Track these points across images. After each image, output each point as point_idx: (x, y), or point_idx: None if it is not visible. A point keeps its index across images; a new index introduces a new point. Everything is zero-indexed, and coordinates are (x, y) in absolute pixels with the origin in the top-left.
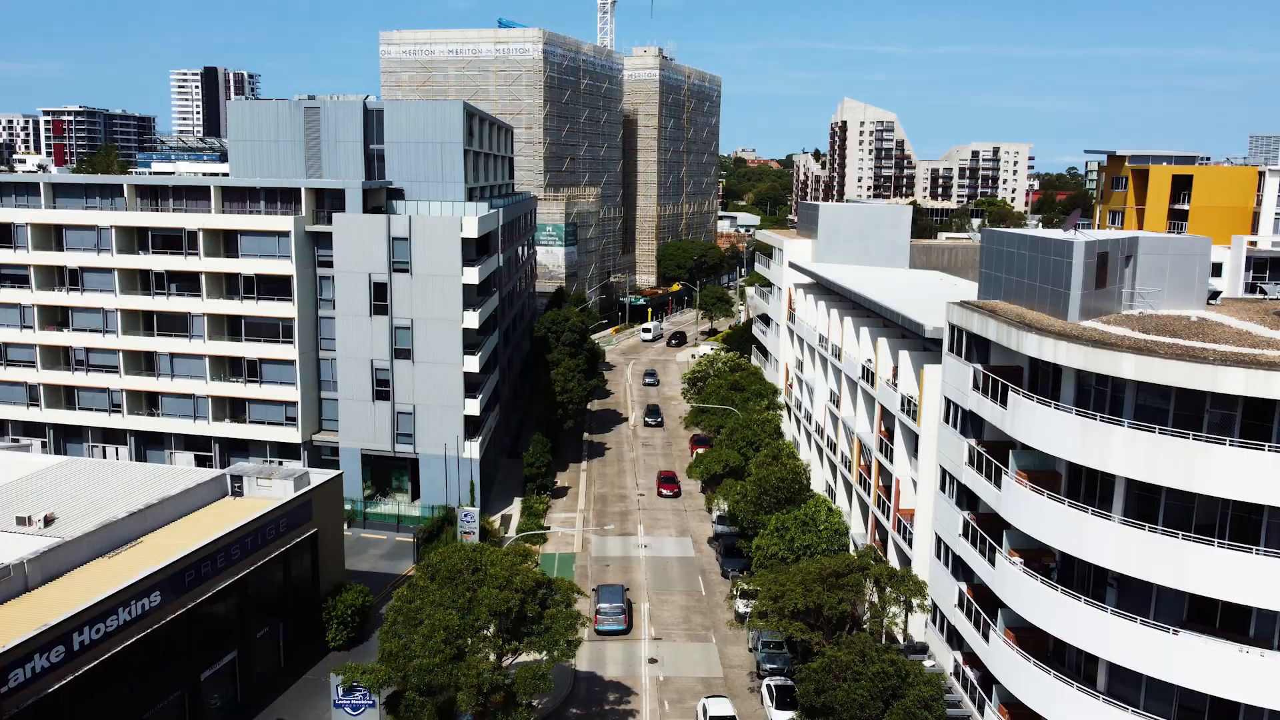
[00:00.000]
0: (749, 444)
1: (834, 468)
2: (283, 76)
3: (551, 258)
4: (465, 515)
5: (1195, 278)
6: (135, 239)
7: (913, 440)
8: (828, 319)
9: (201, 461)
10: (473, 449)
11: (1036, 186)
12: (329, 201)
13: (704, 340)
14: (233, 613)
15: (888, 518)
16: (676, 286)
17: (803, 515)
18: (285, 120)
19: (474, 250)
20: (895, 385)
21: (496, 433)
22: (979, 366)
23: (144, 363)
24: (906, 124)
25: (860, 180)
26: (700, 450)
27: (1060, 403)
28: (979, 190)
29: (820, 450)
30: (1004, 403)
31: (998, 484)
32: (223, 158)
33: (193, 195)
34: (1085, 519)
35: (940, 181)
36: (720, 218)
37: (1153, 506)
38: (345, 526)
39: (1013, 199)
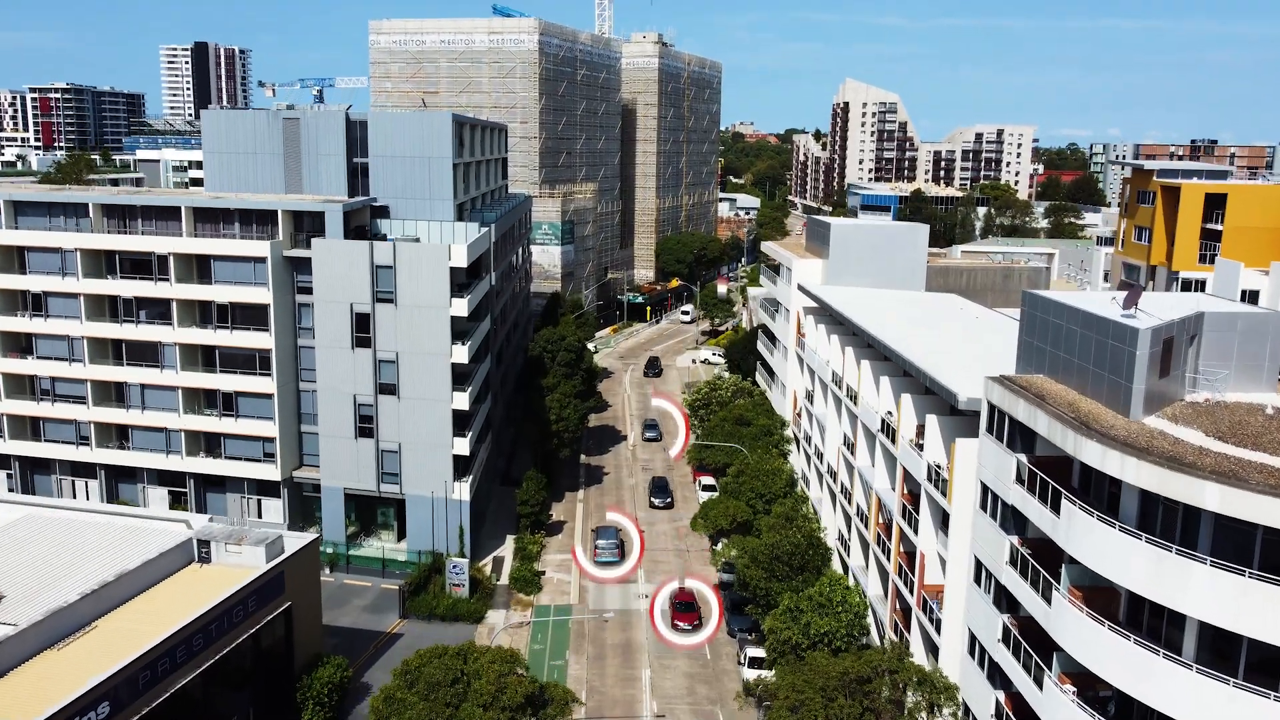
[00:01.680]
0: (759, 495)
1: (848, 519)
2: (275, 52)
3: (548, 257)
4: (454, 567)
5: (1265, 357)
6: (102, 262)
7: (940, 514)
8: (841, 356)
9: (176, 498)
10: (462, 490)
11: (1040, 169)
12: (308, 223)
13: (704, 344)
14: (196, 704)
15: (911, 592)
16: (675, 282)
17: (818, 595)
18: (263, 131)
19: (464, 275)
20: (920, 449)
21: (489, 459)
22: (1023, 458)
23: (113, 393)
24: (906, 99)
25: (861, 163)
26: (703, 478)
27: (1123, 523)
28: (982, 173)
29: (833, 495)
30: (1055, 508)
31: (1046, 598)
32: None
33: (163, 215)
34: (1154, 661)
35: (943, 164)
36: (719, 199)
37: (1232, 647)
38: (327, 571)
39: (1016, 182)
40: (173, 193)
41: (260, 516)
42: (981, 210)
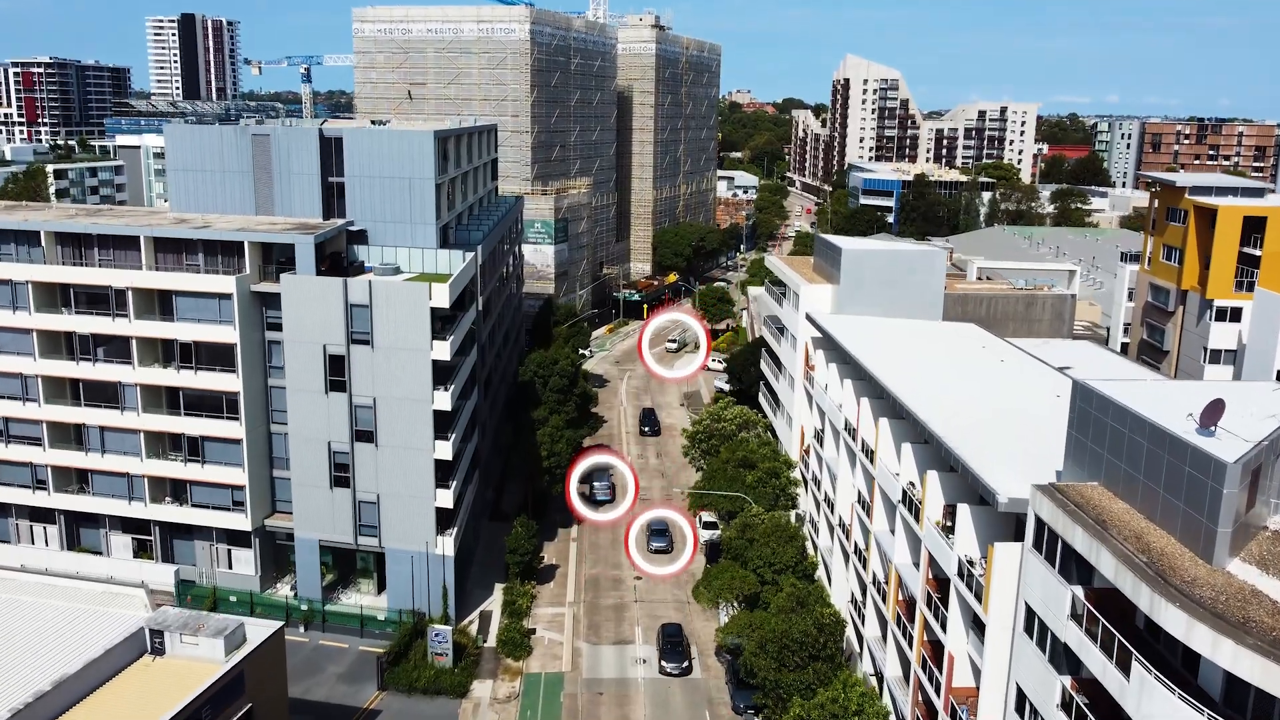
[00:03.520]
0: (767, 563)
1: (863, 585)
2: (264, 22)
3: (540, 257)
4: (436, 635)
5: None
6: (57, 295)
7: (971, 614)
8: (856, 407)
9: (141, 545)
10: (446, 545)
11: (1045, 148)
12: (278, 254)
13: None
14: None
15: (937, 692)
16: (673, 277)
17: (831, 704)
18: (231, 148)
19: (448, 306)
20: (949, 533)
21: (476, 494)
22: (1079, 592)
23: (72, 435)
24: (904, 65)
25: (862, 141)
26: (704, 514)
27: (1204, 687)
28: (985, 151)
29: (845, 554)
30: (1123, 666)
31: None
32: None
33: (121, 245)
34: None
35: (945, 143)
36: (717, 178)
37: None
38: (301, 629)
39: (1019, 161)
40: (134, 216)
41: (230, 567)
42: (986, 196)
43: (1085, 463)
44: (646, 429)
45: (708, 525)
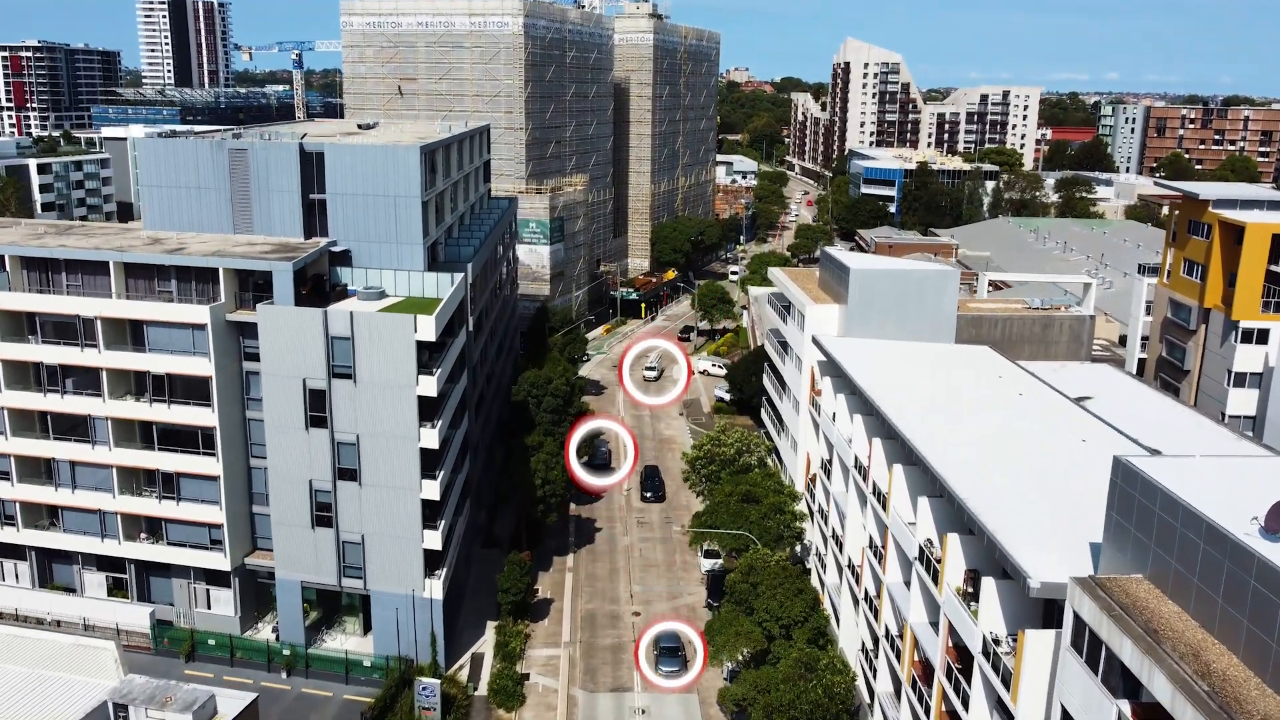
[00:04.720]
0: (775, 618)
1: (875, 637)
2: (256, 3)
3: (535, 257)
4: (423, 689)
5: None
6: (23, 323)
7: (995, 697)
8: (868, 446)
9: (116, 584)
10: (434, 588)
11: (1048, 134)
12: (256, 280)
13: (702, 348)
14: None
15: None
16: (671, 274)
17: None
18: (207, 164)
19: (434, 339)
20: (971, 602)
21: (469, 517)
22: (1125, 708)
23: (41, 470)
24: (903, 44)
25: (863, 125)
26: (710, 551)
27: None
28: (986, 136)
29: (855, 598)
30: None
31: None
32: (184, 114)
33: (91, 269)
34: None
35: (947, 127)
36: (716, 163)
37: None
38: (284, 675)
39: (1022, 146)
40: (105, 236)
41: (209, 607)
42: (989, 185)
43: (1128, 550)
44: (649, 494)
45: (709, 554)
